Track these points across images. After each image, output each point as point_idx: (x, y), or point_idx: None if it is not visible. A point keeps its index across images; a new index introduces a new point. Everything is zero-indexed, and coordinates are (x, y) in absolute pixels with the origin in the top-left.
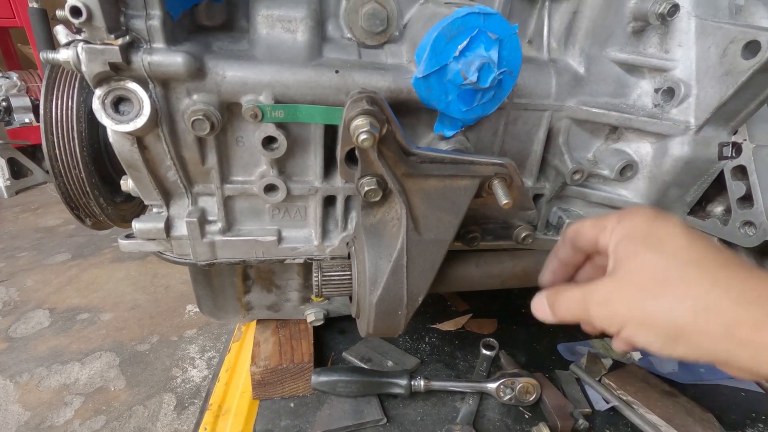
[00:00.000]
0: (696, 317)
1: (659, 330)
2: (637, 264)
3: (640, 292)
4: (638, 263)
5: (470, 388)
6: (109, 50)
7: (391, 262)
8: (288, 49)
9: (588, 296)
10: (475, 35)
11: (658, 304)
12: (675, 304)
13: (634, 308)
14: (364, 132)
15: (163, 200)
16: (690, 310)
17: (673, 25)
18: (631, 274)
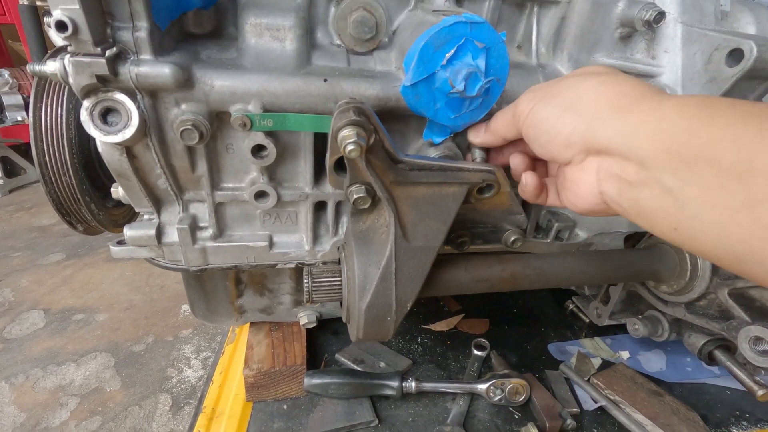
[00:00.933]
0: (587, 94)
1: (558, 102)
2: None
3: (548, 86)
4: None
5: (461, 389)
6: (96, 63)
7: (380, 269)
8: (276, 58)
9: (515, 104)
10: (462, 44)
11: (560, 86)
12: (576, 87)
13: (543, 92)
14: (351, 143)
15: (154, 207)
16: (586, 89)
17: (660, 32)
18: (548, 86)
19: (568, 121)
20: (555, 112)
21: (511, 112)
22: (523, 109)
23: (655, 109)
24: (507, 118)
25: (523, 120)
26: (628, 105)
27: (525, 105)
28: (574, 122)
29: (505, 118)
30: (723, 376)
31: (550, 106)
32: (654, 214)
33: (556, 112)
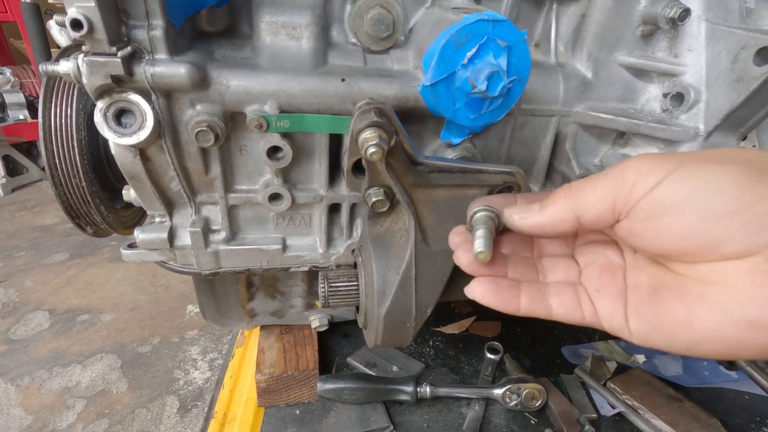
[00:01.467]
0: None
1: (721, 201)
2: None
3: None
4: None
5: (476, 394)
6: (111, 63)
7: (399, 274)
8: (293, 57)
9: (617, 179)
10: (484, 43)
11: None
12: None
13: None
14: (373, 145)
15: (166, 210)
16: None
17: (683, 29)
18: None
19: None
20: (716, 211)
21: (613, 191)
22: (640, 190)
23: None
24: (601, 201)
25: (638, 204)
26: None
27: (645, 184)
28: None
29: (598, 201)
30: (742, 381)
31: (708, 204)
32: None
33: (717, 212)
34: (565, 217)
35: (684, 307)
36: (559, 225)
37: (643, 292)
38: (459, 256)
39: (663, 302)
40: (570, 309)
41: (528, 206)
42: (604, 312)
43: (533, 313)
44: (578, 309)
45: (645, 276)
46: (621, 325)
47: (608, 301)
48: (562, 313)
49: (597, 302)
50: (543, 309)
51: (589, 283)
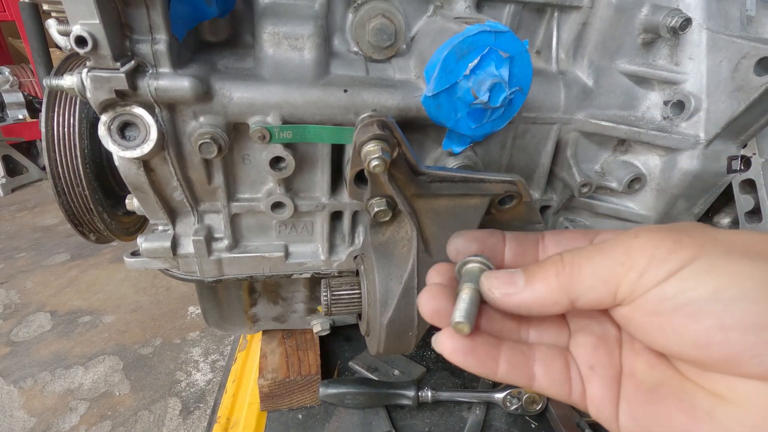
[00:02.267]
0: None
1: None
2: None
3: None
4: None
5: (477, 398)
6: (115, 77)
7: (401, 283)
8: (295, 68)
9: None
10: (486, 53)
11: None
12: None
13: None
14: (375, 158)
15: (169, 219)
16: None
17: (684, 38)
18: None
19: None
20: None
21: (616, 275)
22: (650, 280)
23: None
24: (601, 286)
25: (646, 295)
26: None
27: (656, 273)
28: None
29: (598, 285)
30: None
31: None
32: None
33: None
34: (556, 300)
35: (688, 420)
36: (548, 307)
37: (639, 384)
38: (428, 305)
39: (663, 407)
40: (557, 383)
41: (511, 279)
42: (594, 396)
43: (511, 380)
44: (566, 385)
45: (643, 364)
46: (609, 418)
47: (601, 384)
48: (545, 386)
49: (588, 382)
50: (524, 378)
51: (581, 356)
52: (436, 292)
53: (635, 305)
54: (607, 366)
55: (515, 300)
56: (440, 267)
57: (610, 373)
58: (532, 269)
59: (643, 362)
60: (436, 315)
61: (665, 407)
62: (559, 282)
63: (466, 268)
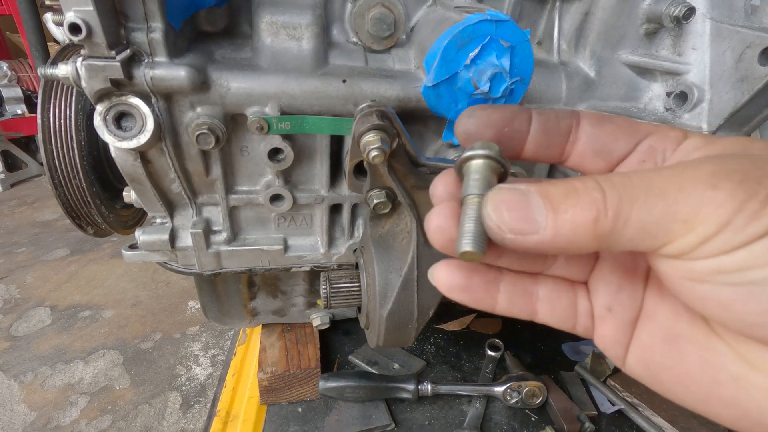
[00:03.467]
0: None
1: None
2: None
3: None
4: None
5: (477, 391)
6: (111, 66)
7: (401, 276)
8: (293, 58)
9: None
10: (487, 43)
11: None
12: None
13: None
14: (375, 149)
15: (167, 211)
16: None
17: (688, 28)
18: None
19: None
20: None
21: (662, 228)
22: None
23: None
24: (644, 236)
25: (639, 241)
26: None
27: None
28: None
29: (642, 234)
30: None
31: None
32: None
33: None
34: (586, 246)
35: (708, 382)
36: (571, 252)
37: (657, 331)
38: (436, 224)
39: (681, 362)
40: (560, 319)
41: (527, 210)
42: (605, 337)
43: (511, 314)
44: (570, 320)
45: (667, 311)
46: (616, 356)
47: (615, 327)
48: (546, 319)
49: (600, 323)
50: (525, 314)
51: (600, 296)
52: (447, 221)
53: (682, 266)
54: (627, 309)
55: (532, 241)
56: (447, 177)
57: (628, 317)
58: (557, 197)
59: (668, 309)
60: (448, 243)
61: (683, 363)
62: (596, 231)
63: (469, 166)
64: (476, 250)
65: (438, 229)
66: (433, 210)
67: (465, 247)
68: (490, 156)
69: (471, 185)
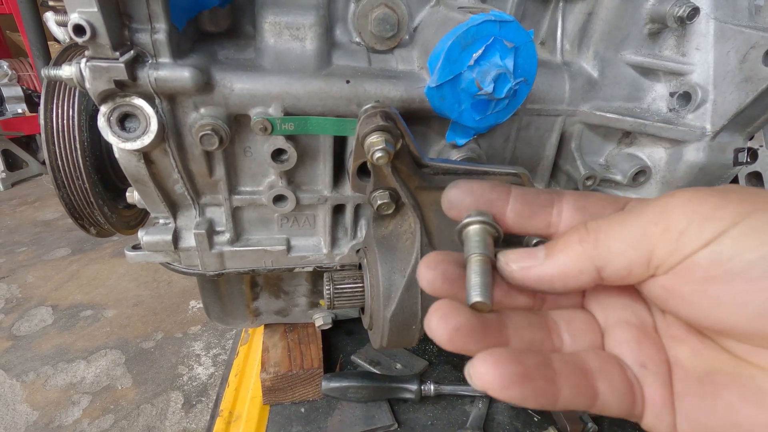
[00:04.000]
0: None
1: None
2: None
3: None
4: None
5: (480, 391)
6: (114, 67)
7: (405, 277)
8: (297, 59)
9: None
10: (491, 44)
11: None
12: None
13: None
14: (379, 150)
15: (170, 212)
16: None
17: (691, 28)
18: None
19: None
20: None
21: (650, 237)
22: (694, 241)
23: None
24: (633, 250)
25: (692, 259)
26: None
27: (701, 233)
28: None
29: (629, 249)
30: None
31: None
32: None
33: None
34: (582, 269)
35: (754, 409)
36: (574, 279)
37: (687, 375)
38: (428, 276)
39: (721, 398)
40: (621, 395)
41: (530, 253)
42: (653, 400)
43: (573, 405)
44: (630, 395)
45: (687, 351)
46: (667, 425)
47: (657, 384)
48: (608, 403)
49: (644, 383)
50: (587, 398)
51: (627, 354)
52: (437, 261)
53: (679, 272)
54: (657, 361)
55: (535, 273)
56: (438, 256)
57: (663, 369)
58: (552, 242)
59: (687, 349)
60: (445, 285)
61: (724, 398)
62: (583, 249)
63: (468, 231)
64: (485, 300)
65: (426, 275)
66: (423, 259)
67: (475, 297)
68: (485, 221)
69: (473, 246)
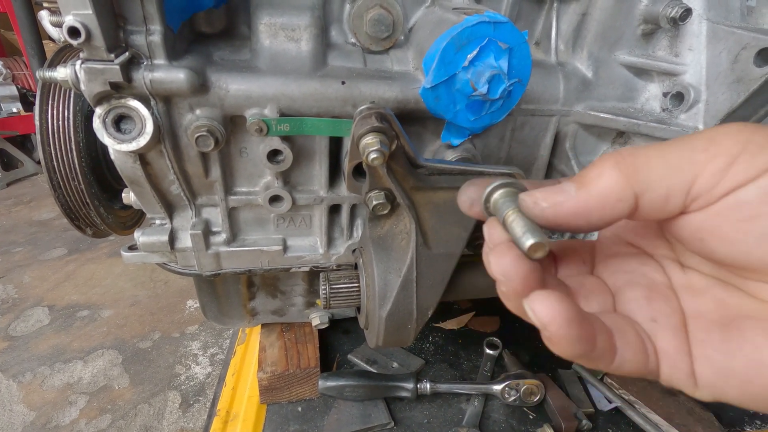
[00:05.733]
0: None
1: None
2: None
3: None
4: None
5: (475, 390)
6: (110, 69)
7: (400, 276)
8: (292, 60)
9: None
10: (485, 45)
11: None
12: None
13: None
14: (374, 151)
15: (166, 213)
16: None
17: (684, 28)
18: None
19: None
20: None
21: (695, 164)
22: (746, 171)
23: None
24: (675, 176)
25: (739, 192)
26: None
27: (756, 162)
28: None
29: (670, 175)
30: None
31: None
32: None
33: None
34: (621, 196)
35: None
36: (612, 209)
37: (709, 324)
38: (496, 261)
39: (746, 340)
40: (635, 351)
41: (554, 188)
42: (667, 351)
43: (599, 361)
44: (643, 351)
45: (708, 302)
46: (686, 376)
47: (670, 335)
48: (626, 358)
49: (655, 337)
50: (611, 355)
51: (638, 311)
52: (504, 249)
53: (721, 207)
54: (669, 314)
55: (569, 207)
56: (495, 231)
57: (674, 321)
58: (581, 173)
59: (710, 301)
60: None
61: (750, 339)
62: (621, 173)
63: (496, 197)
64: (541, 239)
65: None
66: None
67: (528, 241)
68: (508, 183)
69: (505, 205)
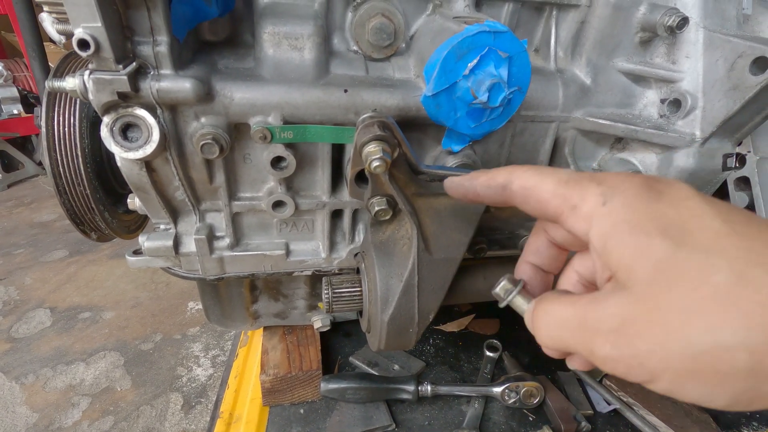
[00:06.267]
0: None
1: (725, 375)
2: (661, 269)
3: (679, 317)
4: (662, 268)
5: (476, 392)
6: (118, 80)
7: (402, 281)
8: (296, 68)
9: (589, 322)
10: (486, 54)
11: (716, 334)
12: (746, 329)
13: (674, 346)
14: (376, 159)
15: (171, 218)
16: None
17: (681, 36)
18: (656, 287)
19: (760, 404)
20: (723, 398)
21: (581, 337)
22: (617, 365)
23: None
24: (569, 340)
25: (622, 375)
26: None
27: (619, 354)
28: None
29: (567, 339)
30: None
31: (712, 385)
32: None
33: (726, 397)
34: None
35: None
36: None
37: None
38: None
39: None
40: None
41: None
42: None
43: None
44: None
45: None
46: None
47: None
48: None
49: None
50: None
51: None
52: None
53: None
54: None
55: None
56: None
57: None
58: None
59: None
60: None
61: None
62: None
63: (502, 288)
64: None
65: None
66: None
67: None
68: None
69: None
